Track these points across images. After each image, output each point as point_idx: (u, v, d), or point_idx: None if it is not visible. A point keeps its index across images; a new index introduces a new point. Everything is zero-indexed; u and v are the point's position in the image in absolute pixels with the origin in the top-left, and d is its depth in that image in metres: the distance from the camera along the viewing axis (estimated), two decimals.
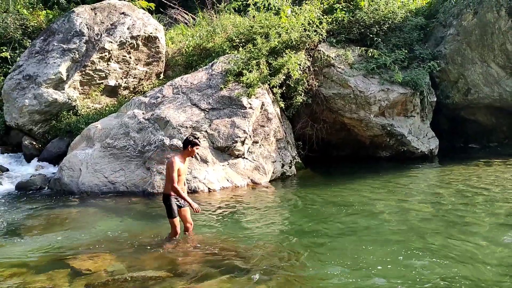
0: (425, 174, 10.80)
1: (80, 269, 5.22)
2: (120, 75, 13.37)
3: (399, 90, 11.97)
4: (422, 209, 7.51)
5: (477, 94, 13.05)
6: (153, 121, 10.41)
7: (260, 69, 11.19)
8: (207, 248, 5.87)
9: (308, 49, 12.26)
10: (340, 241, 6.02)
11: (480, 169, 10.61)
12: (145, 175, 9.66)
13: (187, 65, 13.95)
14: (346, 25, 12.78)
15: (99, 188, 9.60)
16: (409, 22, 13.14)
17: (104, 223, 7.39)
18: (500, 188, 8.64)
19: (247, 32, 13.01)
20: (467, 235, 6.03)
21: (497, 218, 6.78)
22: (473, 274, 4.74)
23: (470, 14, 12.63)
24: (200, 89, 11.10)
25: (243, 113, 10.41)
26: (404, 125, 12.31)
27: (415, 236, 6.11)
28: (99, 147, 10.27)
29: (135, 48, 13.35)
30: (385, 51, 12.34)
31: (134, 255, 5.71)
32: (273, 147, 10.73)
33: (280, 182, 10.41)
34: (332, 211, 7.56)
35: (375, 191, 8.99)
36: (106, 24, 13.18)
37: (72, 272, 5.14)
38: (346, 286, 4.62)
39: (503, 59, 12.38)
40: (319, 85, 12.05)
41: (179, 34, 15.64)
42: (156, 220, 7.44)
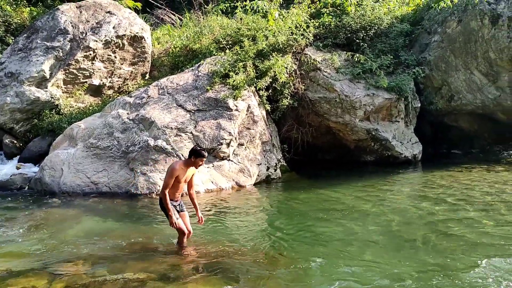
0: (408, 179, 10.89)
1: (60, 270, 5.11)
2: (104, 74, 13.22)
3: (384, 95, 12.07)
4: (404, 213, 7.55)
5: (460, 100, 13.22)
6: (138, 121, 10.30)
7: (247, 72, 11.17)
8: (191, 251, 5.81)
9: (294, 53, 12.28)
10: (324, 245, 6.02)
11: (462, 174, 10.73)
12: (129, 176, 9.54)
13: (173, 65, 13.86)
14: (333, 29, 12.84)
15: (81, 189, 9.45)
16: (395, 28, 13.27)
17: (85, 225, 7.27)
18: (482, 193, 8.74)
19: (234, 34, 12.99)
20: (448, 240, 6.08)
21: (476, 224, 6.85)
22: (453, 279, 4.78)
23: (454, 22, 12.80)
24: (186, 90, 11.03)
25: (229, 115, 10.37)
26: (389, 130, 12.41)
27: (397, 240, 6.13)
28: (82, 147, 10.12)
29: (121, 47, 13.22)
30: (371, 56, 12.43)
31: (116, 257, 5.62)
32: (258, 150, 10.71)
33: (265, 185, 10.39)
34: (316, 215, 7.55)
35: (358, 195, 9.02)
36: (92, 23, 13.02)
37: (51, 274, 5.03)
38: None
39: (486, 66, 12.57)
40: (305, 89, 12.08)
41: (165, 34, 15.54)
42: (139, 222, 7.35)
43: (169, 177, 5.61)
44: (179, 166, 5.67)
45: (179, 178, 5.67)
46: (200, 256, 5.62)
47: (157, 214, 7.90)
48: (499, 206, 7.74)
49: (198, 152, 5.64)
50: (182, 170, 5.68)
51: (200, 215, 5.99)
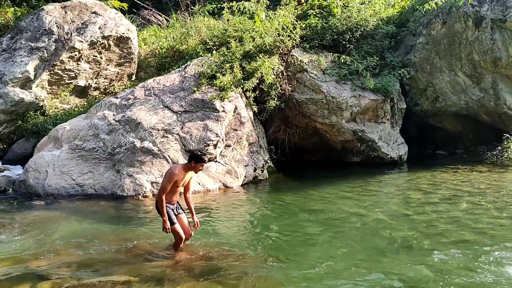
0: (395, 180, 10.98)
1: (45, 273, 5.05)
2: (90, 75, 13.10)
3: (371, 96, 12.16)
4: (390, 214, 7.62)
5: (445, 102, 13.38)
6: (124, 122, 10.23)
7: (234, 73, 11.17)
8: (178, 253, 5.78)
9: (281, 54, 12.31)
10: (311, 246, 6.04)
11: (448, 175, 10.86)
12: (115, 178, 9.47)
13: (160, 66, 13.80)
14: (320, 31, 12.90)
15: (66, 191, 9.35)
16: (381, 30, 13.37)
17: (71, 227, 7.19)
18: (467, 194, 8.85)
19: (221, 35, 12.98)
20: (435, 240, 6.14)
21: (461, 224, 6.93)
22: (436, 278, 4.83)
23: (439, 24, 12.95)
24: (173, 91, 10.99)
25: (215, 116, 10.35)
26: (375, 131, 12.50)
27: (384, 241, 6.18)
28: (67, 149, 10.01)
29: (107, 48, 13.11)
30: (357, 58, 12.52)
31: (102, 260, 5.57)
32: (245, 151, 10.71)
33: (252, 186, 10.39)
34: (303, 216, 7.58)
35: (345, 196, 9.08)
36: (77, 23, 12.89)
37: (36, 277, 4.97)
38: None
39: (470, 68, 12.75)
40: (292, 90, 12.12)
41: (152, 35, 15.46)
42: (125, 224, 7.30)
43: (168, 181, 5.50)
44: (178, 171, 5.56)
45: (178, 182, 5.57)
46: (187, 259, 5.60)
47: (144, 216, 7.86)
48: (485, 206, 7.84)
49: (199, 157, 5.55)
50: (181, 175, 5.58)
51: (196, 220, 5.91)
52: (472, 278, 4.80)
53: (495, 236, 6.24)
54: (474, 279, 4.77)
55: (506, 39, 12.08)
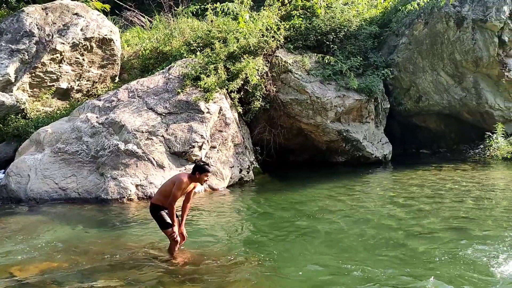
0: (379, 179, 11.06)
1: (26, 279, 4.95)
2: (72, 77, 12.93)
3: (355, 96, 12.23)
4: (375, 213, 7.66)
5: (428, 101, 13.52)
6: (107, 125, 10.11)
7: (218, 74, 11.13)
8: (162, 256, 5.73)
9: (266, 55, 12.31)
10: (297, 246, 6.04)
11: (431, 174, 10.98)
12: (99, 181, 9.35)
13: (143, 68, 13.68)
14: (303, 32, 12.93)
15: (49, 195, 9.20)
16: (364, 31, 13.46)
17: (54, 232, 7.06)
18: (450, 192, 8.96)
19: (205, 36, 12.92)
20: (420, 239, 6.19)
21: (446, 221, 7.01)
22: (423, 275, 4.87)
23: (421, 24, 13.09)
24: (157, 93, 10.90)
25: (200, 117, 10.30)
26: (359, 130, 12.58)
27: (370, 240, 6.22)
28: (49, 152, 9.85)
29: (89, 50, 12.95)
30: (341, 58, 12.58)
31: (86, 264, 5.48)
32: (231, 152, 10.67)
33: (238, 188, 10.36)
34: (289, 216, 7.58)
35: (330, 195, 9.11)
36: (58, 25, 12.71)
37: (17, 284, 4.87)
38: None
39: (452, 68, 12.91)
40: (277, 91, 12.12)
41: (135, 36, 15.33)
42: (111, 228, 7.20)
43: (178, 189, 5.42)
44: (186, 179, 5.50)
45: (183, 191, 5.55)
46: (171, 262, 5.54)
47: (129, 220, 7.77)
48: (467, 203, 7.94)
49: (203, 167, 5.48)
50: (187, 184, 5.53)
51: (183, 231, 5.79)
52: (460, 276, 4.85)
53: (477, 232, 6.31)
54: (462, 278, 4.82)
55: (487, 39, 12.27)
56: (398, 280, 4.78)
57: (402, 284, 4.70)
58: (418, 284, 4.66)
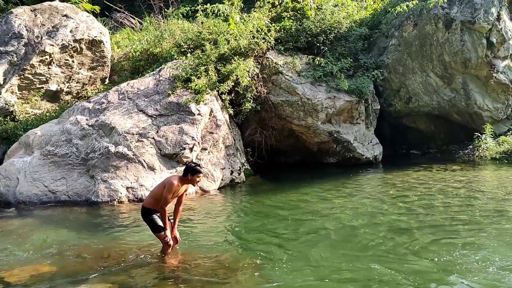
0: (370, 180, 11.10)
1: (15, 283, 4.90)
2: (62, 79, 12.84)
3: (345, 97, 12.28)
4: (366, 214, 7.69)
5: (418, 102, 13.62)
6: (98, 127, 10.06)
7: (209, 76, 11.12)
8: (153, 258, 5.70)
9: (256, 56, 12.32)
10: (289, 248, 6.04)
11: (421, 174, 11.04)
12: (89, 184, 9.29)
13: (133, 70, 13.62)
14: (294, 33, 12.96)
15: (39, 198, 9.12)
16: (354, 32, 13.53)
17: (44, 235, 7.01)
18: (440, 192, 9.02)
19: (195, 38, 12.90)
20: (410, 240, 6.23)
21: (436, 221, 7.06)
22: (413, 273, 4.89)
23: (410, 26, 13.19)
24: (147, 95, 10.86)
25: (191, 119, 10.28)
26: (350, 131, 12.63)
27: (361, 241, 6.24)
28: (39, 155, 9.77)
29: (78, 51, 12.87)
30: (331, 60, 12.63)
31: (77, 267, 5.45)
32: (222, 154, 10.66)
33: (229, 189, 10.35)
34: (280, 218, 7.58)
35: (322, 197, 9.12)
36: (47, 27, 12.61)
37: (6, 287, 4.82)
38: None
39: (441, 69, 13.02)
40: (268, 92, 12.14)
41: (125, 38, 15.26)
42: (101, 231, 7.16)
43: (169, 192, 5.41)
44: (177, 182, 5.48)
45: (174, 194, 5.52)
46: (162, 264, 5.52)
47: (120, 222, 7.73)
48: (458, 205, 8.00)
49: (194, 169, 5.49)
50: (179, 187, 5.52)
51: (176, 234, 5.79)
52: (449, 278, 4.89)
53: (467, 234, 6.37)
54: (449, 279, 4.86)
55: (475, 41, 12.39)
56: (391, 279, 4.81)
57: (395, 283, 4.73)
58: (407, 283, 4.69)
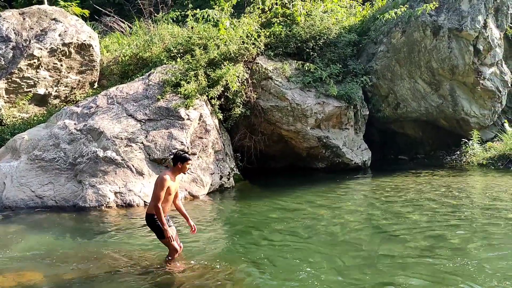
0: (359, 185, 11.17)
1: None
2: (50, 83, 12.74)
3: (334, 103, 12.35)
4: (355, 220, 7.73)
5: (406, 108, 13.74)
6: (86, 132, 9.99)
7: (198, 80, 11.11)
8: (142, 264, 5.66)
9: (246, 62, 12.34)
10: (278, 254, 6.04)
11: (409, 179, 11.13)
12: (77, 189, 9.21)
13: (123, 74, 13.55)
14: (284, 39, 13.02)
15: (25, 203, 9.03)
16: (343, 38, 13.62)
17: (31, 241, 6.93)
18: (428, 198, 9.09)
19: (185, 42, 12.89)
20: (395, 244, 6.27)
21: (422, 227, 7.11)
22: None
23: (399, 33, 13.32)
24: (136, 99, 10.82)
25: (180, 124, 10.25)
26: (339, 137, 12.69)
27: (350, 247, 6.27)
28: (26, 159, 9.68)
29: (67, 55, 12.79)
30: (320, 66, 12.69)
31: (63, 273, 5.39)
32: (211, 159, 10.65)
33: (219, 194, 10.33)
34: (269, 223, 7.58)
35: (311, 202, 9.14)
36: (36, 30, 12.52)
37: None
38: None
39: (429, 75, 13.16)
40: (257, 97, 12.16)
41: (114, 42, 15.19)
42: (88, 236, 7.09)
43: (160, 189, 5.29)
44: (169, 177, 5.37)
45: (170, 189, 5.39)
46: (151, 271, 5.48)
47: (108, 228, 7.67)
48: (445, 210, 8.07)
49: (183, 157, 5.43)
50: (172, 181, 5.40)
51: (192, 224, 5.75)
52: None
53: (452, 240, 6.43)
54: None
55: (462, 48, 12.55)
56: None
57: None
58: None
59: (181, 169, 5.48)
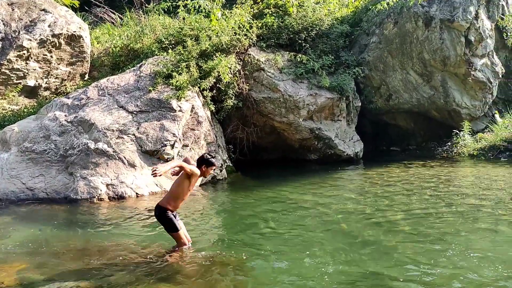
0: (351, 176, 11.21)
1: None
2: (40, 75, 12.60)
3: (327, 94, 12.34)
4: (348, 210, 7.75)
5: (398, 99, 13.78)
6: (77, 123, 9.91)
7: (190, 72, 11.05)
8: (134, 256, 5.64)
9: (238, 53, 12.29)
10: (271, 245, 6.05)
11: (401, 170, 11.19)
12: (68, 181, 9.15)
13: (114, 66, 13.44)
14: (276, 30, 12.97)
15: (16, 195, 8.95)
16: (335, 30, 13.60)
17: (21, 233, 6.87)
18: (420, 188, 9.15)
19: (176, 34, 12.80)
20: (391, 235, 6.30)
21: (413, 217, 7.16)
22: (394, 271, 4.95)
23: (391, 24, 13.32)
24: (128, 91, 10.74)
25: (172, 116, 10.20)
26: (331, 128, 12.70)
27: (343, 237, 6.29)
28: (16, 151, 9.59)
29: (57, 47, 12.65)
30: (313, 57, 12.67)
31: (55, 266, 5.36)
32: (203, 151, 10.59)
33: (211, 186, 10.32)
34: (262, 215, 7.59)
35: (304, 193, 9.16)
36: (25, 21, 12.36)
37: None
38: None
39: (421, 67, 13.19)
40: (250, 89, 12.12)
41: (105, 33, 15.04)
42: (79, 228, 7.05)
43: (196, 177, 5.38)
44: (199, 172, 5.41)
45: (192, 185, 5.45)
46: (143, 262, 5.46)
47: (99, 219, 7.64)
48: (436, 200, 8.13)
49: (209, 161, 5.43)
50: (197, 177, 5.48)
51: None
52: (428, 269, 4.97)
53: (443, 229, 6.48)
54: (430, 271, 4.94)
55: (454, 39, 12.59)
56: (370, 276, 4.86)
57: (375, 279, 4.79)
58: (387, 281, 4.74)
59: (204, 173, 5.48)
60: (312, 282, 4.73)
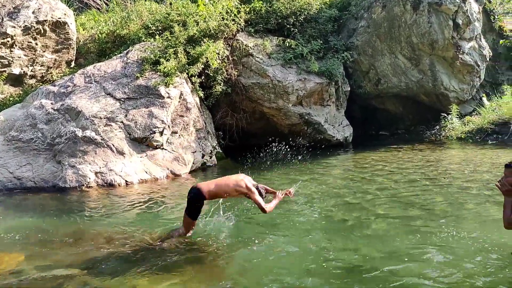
0: (341, 161, 11.25)
1: None
2: (25, 62, 12.39)
3: (316, 79, 12.32)
4: (339, 195, 7.80)
5: (387, 84, 13.80)
6: (64, 111, 9.80)
7: (178, 58, 10.93)
8: (124, 244, 5.63)
9: (226, 38, 12.18)
10: (263, 231, 6.07)
11: (391, 154, 11.26)
12: (56, 169, 9.07)
13: (100, 52, 13.26)
14: (264, 15, 12.86)
15: (3, 185, 8.86)
16: (324, 14, 13.52)
17: (9, 222, 6.83)
18: (409, 172, 9.22)
19: (163, 19, 12.63)
20: (378, 217, 6.35)
21: (400, 202, 7.22)
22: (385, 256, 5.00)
23: (379, 8, 13.28)
24: (115, 78, 10.62)
25: (161, 102, 10.12)
26: (321, 113, 12.70)
27: (335, 223, 6.33)
28: (2, 140, 9.47)
29: (42, 34, 12.42)
30: (301, 42, 12.61)
31: (45, 254, 5.33)
32: (192, 137, 10.57)
33: (201, 173, 10.29)
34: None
35: (294, 179, 9.17)
36: (8, 8, 12.11)
37: None
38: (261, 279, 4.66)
39: (409, 51, 13.19)
40: (238, 75, 12.05)
41: (90, 20, 14.82)
42: (68, 216, 7.01)
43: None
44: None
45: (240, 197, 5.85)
46: (133, 250, 5.45)
47: (88, 207, 7.59)
48: (425, 183, 8.20)
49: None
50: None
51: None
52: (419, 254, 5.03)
53: (433, 211, 6.55)
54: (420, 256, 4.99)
55: (442, 22, 12.59)
56: (354, 259, 4.91)
57: (355, 262, 4.83)
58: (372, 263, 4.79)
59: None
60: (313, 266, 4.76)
